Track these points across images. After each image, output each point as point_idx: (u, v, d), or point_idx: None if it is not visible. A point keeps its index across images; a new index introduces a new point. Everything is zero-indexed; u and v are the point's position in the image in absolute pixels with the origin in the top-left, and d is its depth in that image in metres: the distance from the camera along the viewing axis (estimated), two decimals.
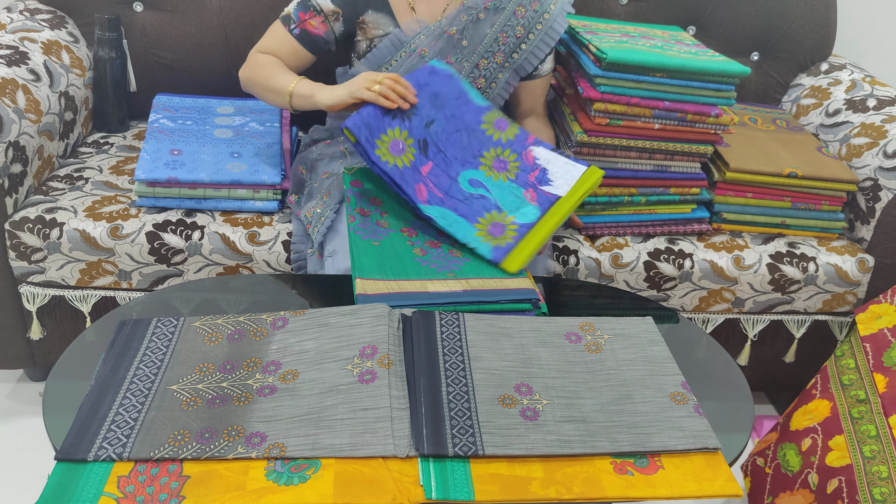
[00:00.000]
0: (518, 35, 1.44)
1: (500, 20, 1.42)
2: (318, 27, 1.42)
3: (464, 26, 1.42)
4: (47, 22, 1.73)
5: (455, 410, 0.90)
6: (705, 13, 1.89)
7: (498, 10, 1.42)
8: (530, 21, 1.44)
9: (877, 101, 1.71)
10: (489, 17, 1.42)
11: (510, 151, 1.32)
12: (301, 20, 1.41)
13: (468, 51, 1.43)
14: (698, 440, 0.89)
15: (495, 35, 1.43)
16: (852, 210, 1.63)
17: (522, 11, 1.43)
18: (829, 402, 1.30)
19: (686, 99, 1.44)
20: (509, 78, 1.48)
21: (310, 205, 1.44)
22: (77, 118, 1.71)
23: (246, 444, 0.84)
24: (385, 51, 1.43)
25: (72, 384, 0.98)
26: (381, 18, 1.43)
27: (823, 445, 1.24)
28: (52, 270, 1.47)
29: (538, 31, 1.45)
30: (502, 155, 1.32)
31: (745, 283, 1.54)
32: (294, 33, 1.42)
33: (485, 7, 1.42)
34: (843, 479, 1.17)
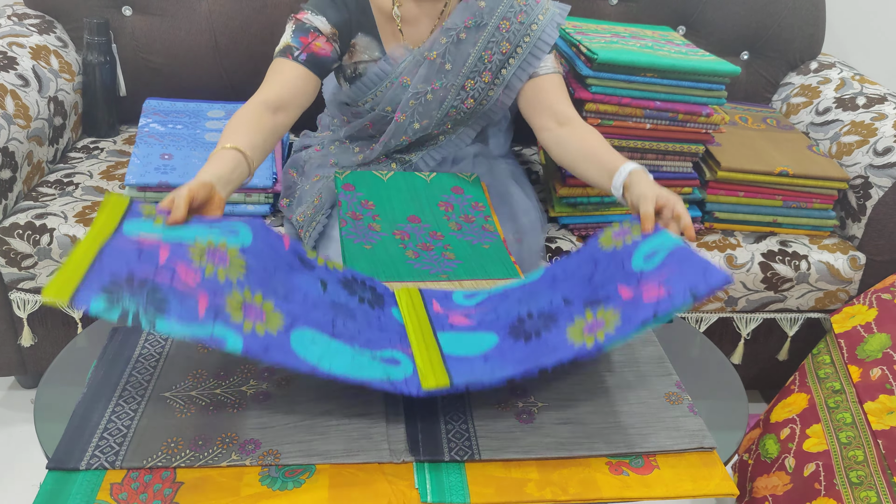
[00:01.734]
0: (504, 51, 1.34)
1: (483, 37, 1.33)
2: (323, 47, 1.30)
3: (444, 49, 1.33)
4: (35, 27, 1.72)
5: (450, 415, 0.89)
6: (695, 13, 1.89)
7: (480, 26, 1.33)
8: (516, 34, 1.34)
9: (866, 99, 1.72)
10: (471, 36, 1.33)
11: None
12: (304, 45, 1.28)
13: (452, 73, 1.35)
14: (694, 440, 0.89)
15: (479, 54, 1.34)
16: (843, 208, 1.64)
17: (507, 25, 1.33)
18: (806, 395, 1.34)
19: (677, 99, 1.45)
20: (501, 96, 1.39)
21: (301, 209, 1.43)
22: (66, 123, 1.70)
23: (240, 451, 0.83)
24: (370, 82, 1.37)
25: (63, 391, 0.97)
26: (368, 42, 1.36)
27: (801, 433, 1.27)
28: (42, 276, 1.46)
29: (526, 45, 1.34)
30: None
31: (738, 281, 1.54)
32: (301, 60, 1.27)
33: (465, 26, 1.33)
34: (820, 463, 1.19)
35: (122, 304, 0.78)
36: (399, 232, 1.25)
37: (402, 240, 1.24)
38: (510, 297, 1.01)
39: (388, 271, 1.15)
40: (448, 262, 1.19)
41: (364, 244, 1.21)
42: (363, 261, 1.17)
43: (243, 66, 1.83)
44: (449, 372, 0.85)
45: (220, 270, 0.84)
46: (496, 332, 0.94)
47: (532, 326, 0.91)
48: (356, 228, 1.25)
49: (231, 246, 0.88)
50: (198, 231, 0.89)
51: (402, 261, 1.18)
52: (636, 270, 0.89)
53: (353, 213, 1.28)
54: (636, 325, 0.83)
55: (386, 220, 1.28)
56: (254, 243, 0.89)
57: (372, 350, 0.88)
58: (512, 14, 1.33)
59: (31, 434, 1.42)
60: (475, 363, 0.86)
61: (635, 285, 0.87)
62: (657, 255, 0.90)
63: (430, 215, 1.31)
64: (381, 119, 1.40)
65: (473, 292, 1.06)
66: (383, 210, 1.30)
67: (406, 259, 1.19)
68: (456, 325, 0.96)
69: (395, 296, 1.03)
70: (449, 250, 1.22)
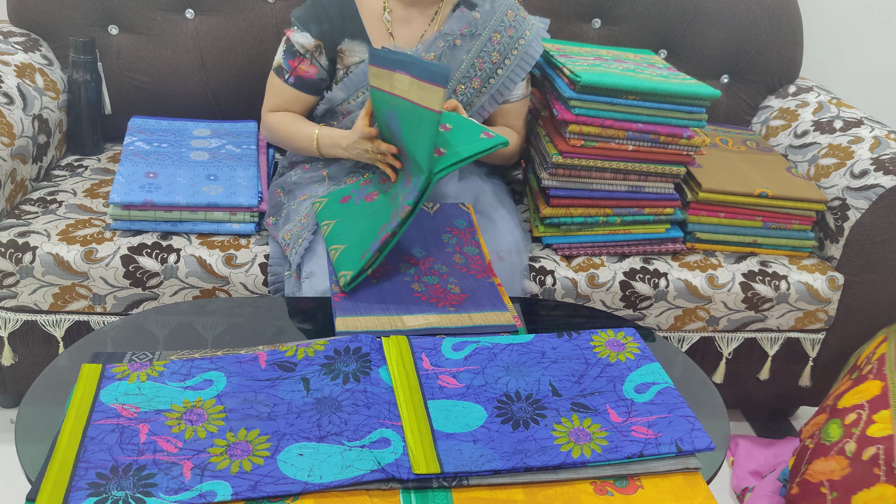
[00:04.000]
0: (494, 61, 1.45)
1: (477, 46, 1.44)
2: (308, 70, 1.45)
3: (441, 52, 1.43)
4: (21, 45, 1.72)
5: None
6: (676, 37, 1.92)
7: (474, 36, 1.44)
8: (506, 47, 1.45)
9: (843, 122, 1.76)
10: (465, 44, 1.43)
11: None
12: (292, 68, 1.45)
13: None
14: (679, 461, 0.89)
15: (472, 61, 1.44)
16: (822, 229, 1.67)
17: (498, 38, 1.45)
18: (881, 383, 1.33)
19: (659, 121, 1.47)
20: (485, 103, 1.50)
21: (287, 227, 1.43)
22: (51, 141, 1.69)
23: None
24: (361, 76, 1.44)
25: (45, 411, 0.96)
26: (357, 46, 1.44)
27: (867, 419, 1.25)
28: (24, 295, 1.45)
29: (514, 57, 1.46)
30: None
31: (720, 301, 1.56)
32: (290, 83, 1.47)
33: (461, 34, 1.43)
34: (881, 447, 1.17)
35: (112, 495, 0.80)
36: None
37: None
38: (498, 359, 1.04)
39: (365, 235, 1.22)
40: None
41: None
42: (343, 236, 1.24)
43: (229, 85, 1.84)
44: (439, 457, 0.86)
45: (199, 429, 0.89)
46: (484, 405, 0.96)
47: (520, 412, 0.95)
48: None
49: (207, 399, 0.93)
50: (173, 394, 0.94)
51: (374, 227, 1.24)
52: (627, 398, 0.99)
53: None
54: (622, 456, 0.88)
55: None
56: (228, 384, 0.96)
57: (361, 439, 0.88)
58: (503, 28, 1.45)
59: (10, 453, 1.40)
60: (465, 447, 0.88)
61: (625, 415, 0.95)
62: (649, 391, 1.00)
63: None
64: None
65: (463, 341, 1.08)
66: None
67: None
68: (445, 389, 0.98)
69: (383, 349, 1.03)
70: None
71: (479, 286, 1.22)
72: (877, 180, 1.55)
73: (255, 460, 0.85)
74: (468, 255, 1.29)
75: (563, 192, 1.51)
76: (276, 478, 0.83)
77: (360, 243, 1.22)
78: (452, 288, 1.21)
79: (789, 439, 1.78)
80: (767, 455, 1.70)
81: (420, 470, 0.84)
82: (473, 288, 1.22)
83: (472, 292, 1.20)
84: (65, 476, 0.81)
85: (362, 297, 1.17)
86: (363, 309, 1.15)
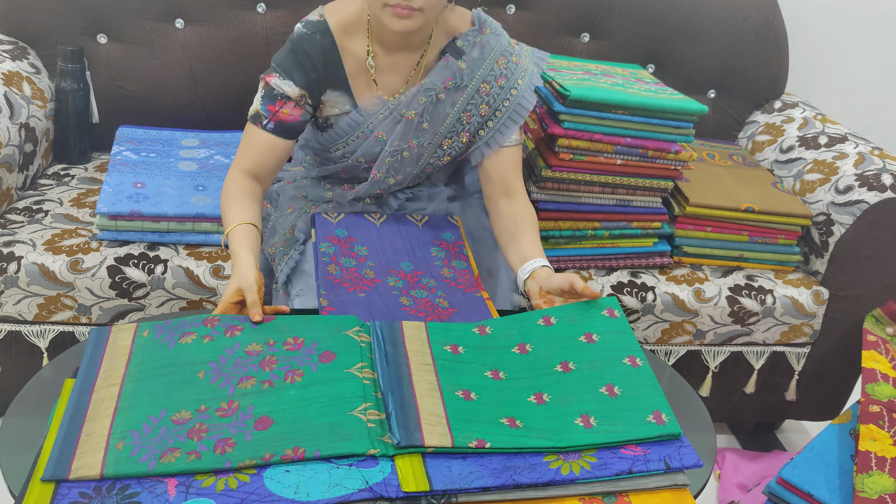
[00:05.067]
0: (483, 113, 1.32)
1: (463, 99, 1.30)
2: (292, 112, 1.29)
3: (423, 108, 1.30)
4: (8, 53, 1.71)
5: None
6: (664, 52, 1.94)
7: (459, 88, 1.30)
8: (496, 98, 1.32)
9: (828, 138, 1.77)
10: (449, 97, 1.30)
11: None
12: (272, 113, 1.28)
13: (430, 132, 1.32)
14: (667, 478, 0.89)
15: (458, 114, 1.31)
16: (807, 244, 1.68)
17: (487, 88, 1.31)
18: None
19: (647, 135, 1.48)
20: (473, 153, 1.37)
21: (273, 240, 1.43)
22: (37, 150, 1.68)
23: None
24: (341, 132, 1.35)
25: (29, 423, 0.95)
26: (338, 97, 1.33)
27: None
28: (8, 305, 1.43)
29: (505, 109, 1.32)
30: None
31: (706, 315, 1.57)
32: (269, 129, 1.28)
33: (444, 87, 1.29)
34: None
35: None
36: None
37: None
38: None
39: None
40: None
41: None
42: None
43: (218, 95, 1.83)
44: (428, 474, 0.86)
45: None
46: None
47: None
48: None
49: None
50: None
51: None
52: None
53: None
54: (611, 473, 0.88)
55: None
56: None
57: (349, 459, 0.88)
58: (492, 77, 1.31)
59: None
60: (454, 464, 0.88)
61: None
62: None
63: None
64: (354, 168, 1.39)
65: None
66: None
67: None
68: None
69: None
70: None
71: (468, 301, 1.22)
72: (861, 196, 1.57)
73: (241, 478, 0.84)
74: (456, 268, 1.29)
75: (552, 205, 1.52)
76: (262, 495, 0.82)
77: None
78: (441, 302, 1.21)
79: (776, 452, 1.79)
80: (754, 468, 1.71)
81: (409, 488, 0.83)
82: (462, 303, 1.21)
83: (460, 307, 1.20)
84: (47, 495, 0.80)
85: (351, 311, 1.16)
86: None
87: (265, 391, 0.93)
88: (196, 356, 0.98)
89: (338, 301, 1.18)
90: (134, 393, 0.92)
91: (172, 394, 0.93)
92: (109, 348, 0.99)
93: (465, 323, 1.10)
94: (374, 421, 0.90)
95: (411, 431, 0.87)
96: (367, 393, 0.93)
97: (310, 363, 0.98)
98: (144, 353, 0.98)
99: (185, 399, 0.92)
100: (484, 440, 0.88)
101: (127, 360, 0.98)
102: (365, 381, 0.95)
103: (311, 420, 0.89)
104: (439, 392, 0.95)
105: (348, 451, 0.85)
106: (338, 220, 1.35)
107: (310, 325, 1.04)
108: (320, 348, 1.00)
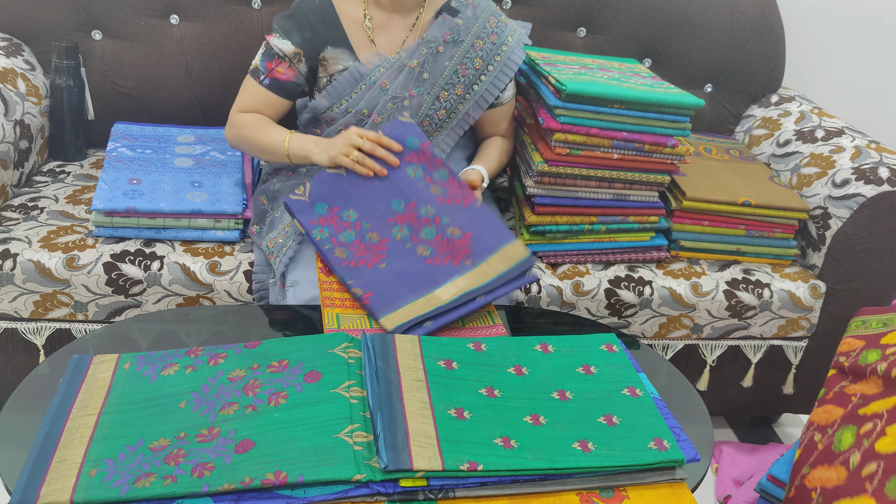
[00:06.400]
0: (477, 67, 1.45)
1: (459, 53, 1.44)
2: (285, 73, 1.43)
3: (424, 59, 1.42)
4: (3, 49, 1.71)
5: None
6: (660, 46, 1.94)
7: (456, 42, 1.44)
8: (488, 53, 1.45)
9: (825, 132, 1.77)
10: (448, 50, 1.43)
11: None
12: (269, 70, 1.42)
13: (429, 83, 1.44)
14: (666, 472, 0.89)
15: (455, 67, 1.44)
16: (804, 237, 1.68)
17: (480, 44, 1.44)
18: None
19: (643, 130, 1.48)
20: (470, 109, 1.49)
21: (271, 235, 1.43)
22: (32, 147, 1.68)
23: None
24: (345, 84, 1.44)
25: (26, 420, 0.95)
26: (340, 53, 1.44)
27: (880, 430, 1.20)
28: (4, 302, 1.43)
29: (497, 63, 1.46)
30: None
31: (703, 309, 1.57)
32: (265, 84, 1.43)
33: (444, 40, 1.43)
34: (881, 464, 1.13)
35: None
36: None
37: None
38: None
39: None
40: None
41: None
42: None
43: (214, 91, 1.83)
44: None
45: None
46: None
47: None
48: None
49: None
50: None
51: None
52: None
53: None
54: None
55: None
56: None
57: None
58: (485, 34, 1.45)
59: None
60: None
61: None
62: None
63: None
64: (358, 123, 1.45)
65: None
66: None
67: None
68: None
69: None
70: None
71: (473, 217, 1.24)
72: (858, 189, 1.57)
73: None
74: (440, 181, 1.28)
75: (549, 200, 1.52)
76: (258, 491, 0.82)
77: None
78: (452, 232, 1.21)
79: (772, 445, 1.79)
80: (751, 461, 1.71)
81: (406, 483, 0.83)
82: (469, 221, 1.23)
83: (472, 228, 1.22)
84: None
85: (387, 288, 1.17)
86: (395, 299, 1.15)
87: (248, 416, 0.90)
88: (178, 387, 0.95)
89: (368, 283, 1.18)
90: (112, 424, 0.89)
91: (151, 424, 0.89)
92: (88, 378, 0.96)
93: (460, 338, 1.08)
94: (361, 443, 0.86)
95: (399, 454, 0.84)
96: (354, 413, 0.90)
97: (294, 384, 0.94)
98: (125, 386, 0.95)
99: (165, 428, 0.89)
100: (476, 462, 0.85)
101: (106, 391, 0.94)
102: (352, 400, 0.92)
103: (294, 442, 0.86)
104: (431, 411, 0.92)
105: (333, 477, 0.82)
106: (308, 193, 1.30)
107: (295, 346, 1.02)
108: (305, 368, 0.97)
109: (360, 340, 1.03)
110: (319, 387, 0.94)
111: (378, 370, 0.96)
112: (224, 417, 0.90)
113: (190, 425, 0.89)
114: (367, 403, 0.93)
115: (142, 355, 1.01)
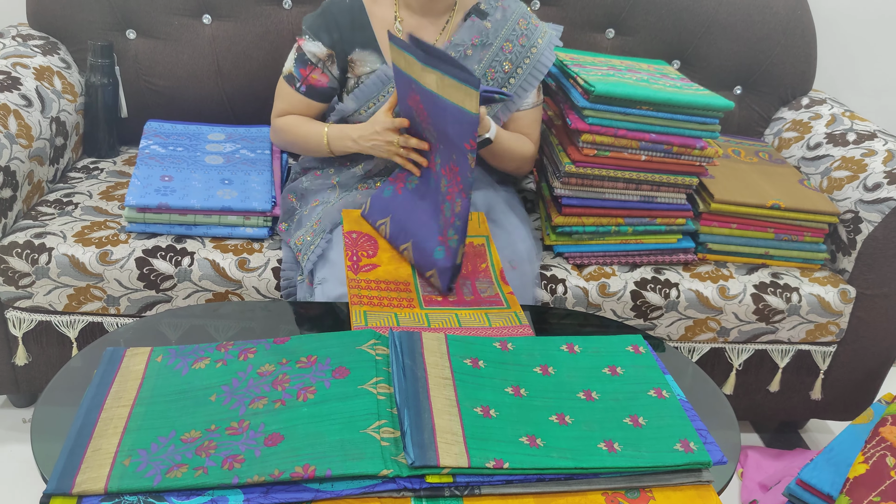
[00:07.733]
0: (506, 70, 1.45)
1: (488, 56, 1.44)
2: (319, 79, 1.46)
3: None
4: (39, 48, 1.74)
5: None
6: (689, 48, 1.93)
7: (485, 45, 1.44)
8: (518, 56, 1.45)
9: (856, 135, 1.75)
10: (476, 53, 1.43)
11: None
12: (304, 77, 1.46)
13: None
14: (692, 474, 0.89)
15: (483, 71, 1.44)
16: (834, 241, 1.66)
17: (510, 47, 1.44)
18: None
19: (672, 131, 1.47)
20: (498, 112, 1.49)
21: (299, 233, 1.44)
22: (68, 143, 1.71)
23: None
24: (372, 86, 1.45)
25: (60, 412, 0.97)
26: (367, 56, 1.45)
27: None
28: (39, 296, 1.46)
29: (526, 66, 1.46)
30: None
31: (731, 312, 1.56)
32: (302, 91, 1.48)
33: (472, 44, 1.43)
34: None
35: (125, 499, 0.80)
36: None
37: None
38: None
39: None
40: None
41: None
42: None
43: (244, 90, 1.85)
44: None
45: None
46: None
47: None
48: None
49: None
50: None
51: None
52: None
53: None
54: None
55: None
56: None
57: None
58: (514, 37, 1.45)
59: (22, 453, 1.41)
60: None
61: None
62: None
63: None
64: None
65: None
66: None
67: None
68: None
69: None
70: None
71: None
72: (890, 193, 1.55)
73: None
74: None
75: (576, 201, 1.52)
76: (287, 484, 0.83)
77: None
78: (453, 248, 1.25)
79: (799, 451, 1.77)
80: (777, 467, 1.70)
81: (433, 479, 0.84)
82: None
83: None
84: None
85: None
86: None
87: (277, 410, 0.91)
88: (209, 381, 0.97)
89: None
90: (144, 415, 0.91)
91: (183, 416, 0.91)
92: (122, 371, 0.99)
93: (487, 337, 1.09)
94: (388, 439, 0.87)
95: (426, 450, 0.85)
96: (381, 409, 0.91)
97: (322, 379, 0.96)
98: (157, 378, 0.97)
99: (196, 420, 0.91)
100: (502, 460, 0.86)
101: (139, 383, 0.97)
102: (380, 396, 0.93)
103: (322, 437, 0.87)
104: (457, 408, 0.93)
105: (360, 472, 0.82)
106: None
107: (323, 342, 1.03)
108: (333, 364, 0.99)
109: (388, 338, 1.04)
110: (347, 382, 0.95)
111: (405, 367, 0.97)
112: (254, 411, 0.92)
113: (220, 418, 0.91)
114: (394, 400, 0.94)
115: (174, 349, 1.03)
